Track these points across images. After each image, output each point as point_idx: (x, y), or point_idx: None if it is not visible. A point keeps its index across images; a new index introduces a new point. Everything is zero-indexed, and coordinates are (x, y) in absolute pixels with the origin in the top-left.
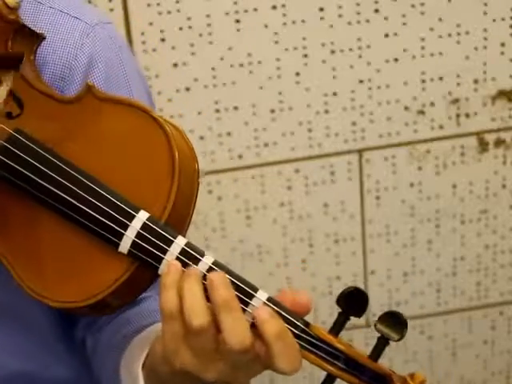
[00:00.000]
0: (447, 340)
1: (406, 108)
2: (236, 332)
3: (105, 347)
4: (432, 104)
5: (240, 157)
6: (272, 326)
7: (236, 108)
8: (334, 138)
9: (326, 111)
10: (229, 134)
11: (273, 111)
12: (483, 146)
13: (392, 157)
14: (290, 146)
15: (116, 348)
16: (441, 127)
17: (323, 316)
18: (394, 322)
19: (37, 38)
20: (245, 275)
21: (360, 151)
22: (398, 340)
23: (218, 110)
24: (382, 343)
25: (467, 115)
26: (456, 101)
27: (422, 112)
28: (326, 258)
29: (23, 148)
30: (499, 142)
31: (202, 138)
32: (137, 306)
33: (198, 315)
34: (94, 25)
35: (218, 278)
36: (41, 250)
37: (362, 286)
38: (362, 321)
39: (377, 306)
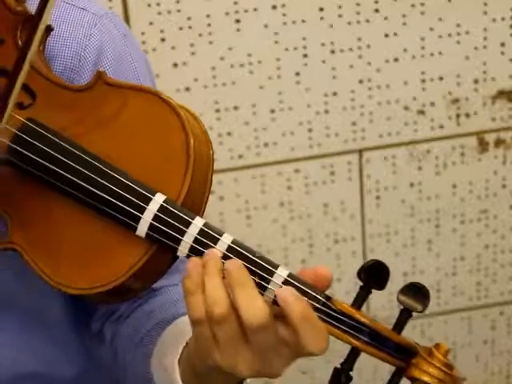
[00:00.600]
0: (447, 340)
1: (406, 108)
2: (251, 307)
3: (127, 341)
4: (432, 104)
5: (240, 157)
6: (296, 306)
7: (236, 108)
8: (334, 138)
9: (326, 111)
10: (229, 133)
11: (273, 111)
12: (483, 146)
13: (392, 157)
14: (290, 146)
15: (140, 344)
16: (441, 127)
17: None
18: (417, 293)
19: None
20: None
21: (360, 151)
22: (421, 311)
23: (218, 110)
24: (405, 315)
25: (467, 115)
26: (456, 101)
27: (422, 112)
28: (325, 258)
29: (36, 136)
30: (499, 142)
31: None
32: (158, 296)
33: (218, 304)
34: (101, 15)
35: (232, 264)
36: (58, 237)
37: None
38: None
39: (377, 306)
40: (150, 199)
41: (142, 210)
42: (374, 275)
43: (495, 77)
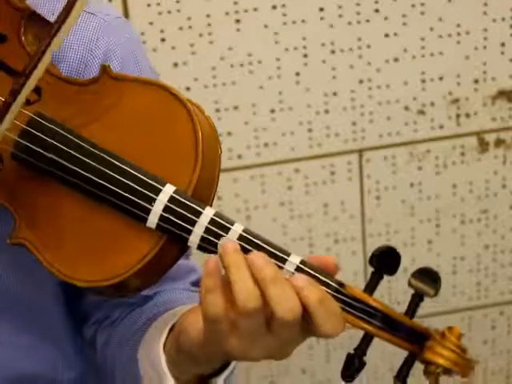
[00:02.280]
0: None
1: (406, 108)
2: (287, 303)
3: (118, 340)
4: (432, 104)
5: (240, 157)
6: (312, 291)
7: (236, 108)
8: (334, 137)
9: (326, 111)
10: (229, 133)
11: (273, 111)
12: (483, 146)
13: (392, 157)
14: (290, 146)
15: (130, 339)
16: (441, 127)
17: None
18: (429, 277)
19: (49, 26)
20: None
21: (360, 151)
22: (434, 295)
23: (218, 110)
24: (417, 300)
25: (467, 115)
26: (456, 101)
27: (422, 112)
28: None
29: (45, 130)
30: (499, 142)
31: None
32: (150, 300)
33: (252, 298)
34: (110, 20)
35: (259, 258)
36: (68, 231)
37: (362, 286)
38: None
39: None
40: (160, 190)
41: (152, 202)
42: (385, 261)
43: (495, 77)
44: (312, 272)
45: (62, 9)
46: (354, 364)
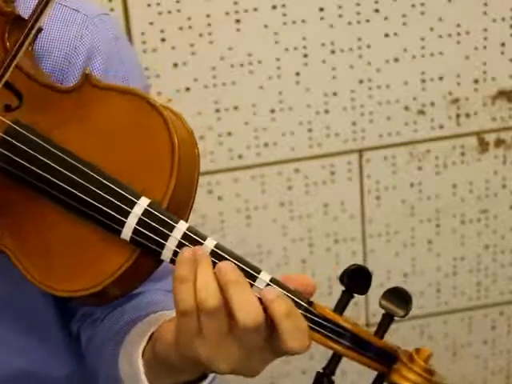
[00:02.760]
0: (447, 340)
1: (406, 108)
2: (248, 308)
3: (101, 340)
4: (432, 104)
5: (240, 157)
6: (280, 304)
7: (236, 108)
8: (334, 137)
9: (326, 111)
10: (229, 133)
11: (273, 111)
12: (483, 146)
13: (392, 157)
14: (290, 146)
15: (112, 339)
16: (441, 127)
17: None
18: (399, 298)
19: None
20: None
21: (360, 151)
22: (403, 316)
23: (218, 110)
24: (387, 320)
25: (467, 115)
26: (456, 101)
27: (422, 112)
28: (325, 258)
29: (22, 139)
30: (499, 142)
31: (202, 137)
32: (132, 300)
33: (211, 296)
34: (93, 17)
35: (225, 263)
36: (46, 241)
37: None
38: (362, 321)
39: (376, 306)
40: (135, 203)
41: (126, 215)
42: (356, 280)
43: (495, 77)
44: (282, 291)
45: (33, 10)
46: (322, 383)
